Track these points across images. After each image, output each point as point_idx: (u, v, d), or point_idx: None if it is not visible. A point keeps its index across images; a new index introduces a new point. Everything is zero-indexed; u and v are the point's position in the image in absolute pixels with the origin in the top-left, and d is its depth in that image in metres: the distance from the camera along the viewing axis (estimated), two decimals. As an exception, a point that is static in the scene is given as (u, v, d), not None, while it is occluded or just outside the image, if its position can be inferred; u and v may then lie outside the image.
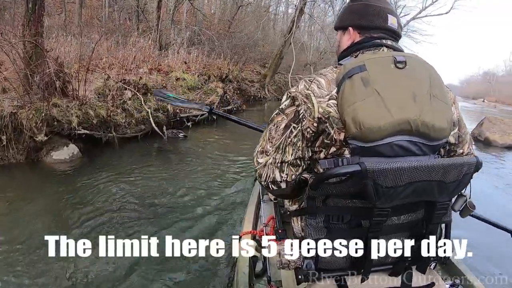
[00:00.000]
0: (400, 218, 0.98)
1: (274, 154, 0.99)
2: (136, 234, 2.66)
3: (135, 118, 5.58)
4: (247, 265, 1.56)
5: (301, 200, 1.07)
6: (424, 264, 1.03)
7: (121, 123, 5.28)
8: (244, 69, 13.91)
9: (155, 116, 5.88)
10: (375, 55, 0.97)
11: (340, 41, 1.12)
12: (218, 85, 9.07)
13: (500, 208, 3.97)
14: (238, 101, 10.10)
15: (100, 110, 5.02)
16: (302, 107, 0.94)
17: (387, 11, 1.04)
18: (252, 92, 13.10)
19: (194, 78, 8.48)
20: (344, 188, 0.90)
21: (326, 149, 0.94)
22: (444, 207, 0.96)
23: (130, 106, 5.62)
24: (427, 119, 0.87)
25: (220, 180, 4.11)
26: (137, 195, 3.48)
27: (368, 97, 0.86)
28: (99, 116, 4.94)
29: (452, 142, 1.04)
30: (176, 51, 9.50)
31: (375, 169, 0.82)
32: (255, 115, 10.24)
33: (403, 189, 0.86)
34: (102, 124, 5.00)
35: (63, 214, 2.97)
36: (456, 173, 0.89)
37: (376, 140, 0.86)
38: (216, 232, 2.80)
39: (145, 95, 6.13)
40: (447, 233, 1.07)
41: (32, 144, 4.14)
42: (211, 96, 8.22)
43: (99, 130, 4.90)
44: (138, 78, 6.22)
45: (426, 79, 0.92)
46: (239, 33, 15.43)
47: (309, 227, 0.96)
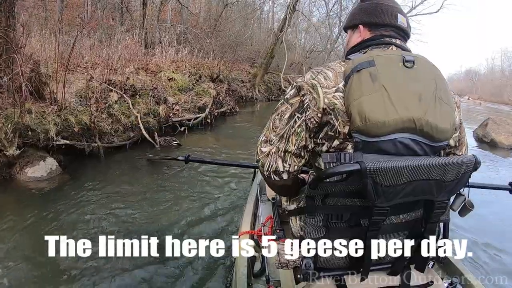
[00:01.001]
0: (399, 217, 0.99)
1: (278, 143, 0.99)
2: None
3: (123, 124, 4.94)
4: (246, 265, 1.55)
5: (300, 200, 1.09)
6: (422, 263, 1.03)
7: (107, 130, 4.64)
8: (234, 69, 13.38)
9: (145, 121, 5.26)
10: (384, 52, 0.98)
11: (350, 39, 1.13)
12: (209, 86, 8.48)
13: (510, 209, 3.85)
14: (231, 102, 9.55)
15: (82, 116, 4.38)
16: (307, 96, 0.94)
17: (397, 10, 1.06)
18: (243, 93, 12.63)
19: (184, 78, 7.87)
20: (343, 187, 0.90)
21: (329, 142, 0.94)
22: (442, 206, 0.96)
23: (117, 111, 4.98)
24: (431, 120, 0.88)
25: (217, 181, 3.90)
26: (129, 218, 2.89)
27: (375, 92, 0.87)
28: (81, 123, 4.29)
29: (452, 145, 1.05)
30: (164, 50, 8.84)
31: (375, 168, 0.81)
32: (249, 118, 9.70)
33: (402, 188, 0.86)
34: (85, 133, 4.35)
35: (38, 249, 2.35)
36: (455, 172, 0.89)
37: (380, 135, 0.87)
38: (215, 233, 2.75)
39: (133, 98, 5.50)
40: (445, 232, 1.06)
41: (2, 159, 3.43)
42: (204, 98, 7.62)
43: (81, 140, 4.25)
44: (124, 79, 5.57)
45: (432, 81, 0.93)
46: (227, 31, 14.94)
47: (308, 226, 0.96)
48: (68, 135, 4.10)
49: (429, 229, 0.98)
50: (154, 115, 5.54)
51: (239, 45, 14.81)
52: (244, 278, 1.48)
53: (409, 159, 0.87)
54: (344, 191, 0.91)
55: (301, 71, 16.59)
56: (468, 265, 1.73)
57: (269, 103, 13.65)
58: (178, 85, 7.41)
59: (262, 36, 19.55)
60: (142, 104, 5.50)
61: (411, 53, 0.98)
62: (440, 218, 0.99)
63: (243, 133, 7.04)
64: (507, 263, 2.64)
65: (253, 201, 2.18)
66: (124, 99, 5.28)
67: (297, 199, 1.10)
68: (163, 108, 5.70)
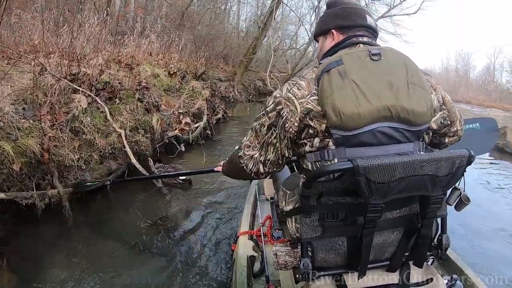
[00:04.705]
0: (394, 213, 0.98)
1: (259, 151, 1.08)
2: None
3: (98, 148, 2.97)
4: (245, 265, 1.58)
5: (296, 201, 1.08)
6: (420, 259, 1.02)
7: (72, 161, 2.66)
8: (210, 66, 11.53)
9: (133, 141, 3.31)
10: (351, 50, 1.00)
11: (322, 45, 1.17)
12: (201, 86, 6.61)
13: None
14: (222, 105, 7.74)
15: (26, 138, 2.38)
16: (285, 109, 0.98)
17: (365, 11, 1.12)
18: (223, 93, 10.86)
19: (168, 75, 5.92)
20: (337, 185, 0.90)
21: (310, 141, 0.96)
22: (438, 201, 0.95)
23: (88, 126, 2.99)
24: (406, 105, 0.90)
25: (214, 183, 3.52)
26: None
27: (346, 88, 0.90)
28: (25, 153, 2.30)
29: (435, 128, 1.06)
30: (137, 39, 6.74)
31: (367, 165, 0.81)
32: (244, 125, 7.91)
33: (396, 184, 0.86)
34: (34, 170, 2.36)
35: None
36: (448, 166, 0.90)
37: (358, 127, 0.89)
38: (214, 233, 2.57)
39: (110, 102, 3.52)
40: (443, 227, 1.04)
41: None
42: (197, 101, 5.72)
43: (27, 185, 2.26)
44: (96, 72, 3.55)
45: (402, 68, 0.96)
46: (198, 25, 13.05)
47: (304, 226, 0.96)
48: (2, 180, 2.10)
49: (425, 224, 0.97)
50: (145, 129, 3.59)
51: (212, 40, 13.09)
52: (243, 278, 1.50)
53: (402, 156, 0.87)
54: (338, 189, 0.91)
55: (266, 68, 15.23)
56: (468, 261, 1.66)
57: (251, 104, 12.10)
58: (164, 84, 5.45)
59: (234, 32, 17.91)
60: (126, 113, 3.52)
61: (378, 46, 1.01)
62: (436, 213, 0.98)
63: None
64: (506, 260, 2.52)
65: (251, 201, 2.23)
66: (97, 104, 3.29)
67: (293, 200, 1.11)
68: (158, 120, 3.76)
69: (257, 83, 15.41)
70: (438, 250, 1.03)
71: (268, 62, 16.65)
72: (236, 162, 1.15)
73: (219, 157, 4.36)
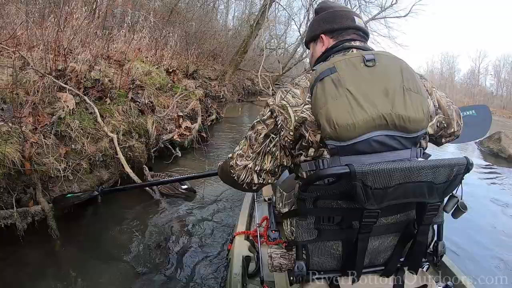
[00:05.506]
0: (390, 219, 0.97)
1: (255, 160, 1.03)
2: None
3: (88, 155, 2.62)
4: (240, 265, 1.55)
5: (293, 203, 1.10)
6: (415, 265, 1.01)
7: (58, 171, 2.31)
8: (201, 64, 11.17)
9: (126, 147, 2.98)
10: (344, 56, 0.96)
11: (314, 51, 1.16)
12: (189, 84, 6.28)
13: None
14: (214, 106, 7.43)
15: (5, 145, 2.02)
16: (279, 117, 0.96)
17: (353, 13, 1.12)
18: (213, 92, 10.53)
19: (161, 73, 5.56)
20: (333, 189, 0.89)
21: (305, 152, 0.96)
22: (434, 208, 0.94)
23: (76, 130, 2.64)
24: (402, 112, 0.87)
25: (213, 184, 3.38)
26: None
27: (340, 97, 0.87)
28: (3, 162, 1.95)
29: (431, 133, 1.06)
30: (125, 35, 6.32)
31: (364, 170, 0.80)
32: (238, 127, 7.63)
33: (393, 191, 0.85)
34: (14, 183, 2.01)
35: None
36: (446, 174, 0.88)
37: (353, 138, 0.86)
38: (210, 233, 2.50)
39: (100, 101, 3.17)
40: (439, 234, 1.03)
41: None
42: (191, 101, 5.38)
43: (6, 201, 1.91)
44: (86, 69, 3.19)
45: (398, 73, 0.93)
46: (188, 21, 12.64)
47: (300, 229, 0.95)
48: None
49: (421, 231, 0.96)
50: (139, 134, 3.25)
51: (202, 37, 12.71)
52: (238, 278, 1.47)
53: (399, 162, 0.86)
54: (334, 193, 0.90)
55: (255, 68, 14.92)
56: (463, 268, 1.64)
57: (241, 104, 11.82)
58: (156, 82, 5.09)
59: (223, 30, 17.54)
60: (118, 114, 3.18)
61: (372, 51, 0.98)
62: (433, 220, 0.97)
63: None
64: (502, 266, 2.53)
65: (249, 201, 2.18)
66: (86, 105, 2.93)
67: (290, 202, 1.12)
68: (153, 122, 3.42)
69: (246, 83, 15.15)
70: (433, 257, 1.02)
71: (255, 62, 16.48)
72: (227, 172, 1.10)
73: (219, 160, 4.08)
